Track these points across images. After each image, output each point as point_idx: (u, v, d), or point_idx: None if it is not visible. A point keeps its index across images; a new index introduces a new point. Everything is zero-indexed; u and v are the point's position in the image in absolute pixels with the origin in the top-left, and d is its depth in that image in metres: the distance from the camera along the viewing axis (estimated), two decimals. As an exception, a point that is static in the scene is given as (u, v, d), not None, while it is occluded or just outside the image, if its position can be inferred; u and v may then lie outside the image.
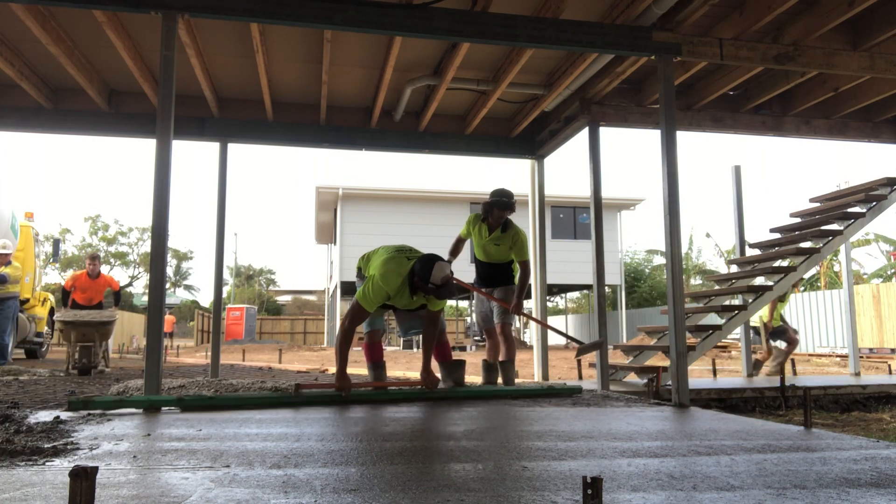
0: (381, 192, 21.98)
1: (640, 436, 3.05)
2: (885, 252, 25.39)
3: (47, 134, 8.72)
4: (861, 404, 5.91)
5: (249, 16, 4.34)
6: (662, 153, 4.71)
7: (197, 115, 6.67)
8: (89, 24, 5.08)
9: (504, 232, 5.30)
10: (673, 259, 4.62)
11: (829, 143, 12.33)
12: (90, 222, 42.90)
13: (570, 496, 1.88)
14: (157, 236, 4.08)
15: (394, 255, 4.31)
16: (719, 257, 32.16)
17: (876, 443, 2.96)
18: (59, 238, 18.69)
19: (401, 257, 4.29)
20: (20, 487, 1.91)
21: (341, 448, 2.63)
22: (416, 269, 4.11)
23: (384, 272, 4.19)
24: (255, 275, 57.13)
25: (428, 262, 4.10)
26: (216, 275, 6.71)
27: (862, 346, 15.74)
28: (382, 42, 5.50)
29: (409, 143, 7.19)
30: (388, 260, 4.27)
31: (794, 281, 6.73)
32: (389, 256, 4.31)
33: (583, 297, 37.84)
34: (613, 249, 22.03)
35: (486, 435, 3.06)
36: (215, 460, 2.35)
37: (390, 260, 4.27)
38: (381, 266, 4.24)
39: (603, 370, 5.82)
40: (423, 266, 4.08)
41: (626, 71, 5.56)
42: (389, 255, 4.32)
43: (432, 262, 4.08)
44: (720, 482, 2.10)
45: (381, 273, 4.20)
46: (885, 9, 4.90)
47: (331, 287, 26.04)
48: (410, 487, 1.98)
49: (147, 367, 3.96)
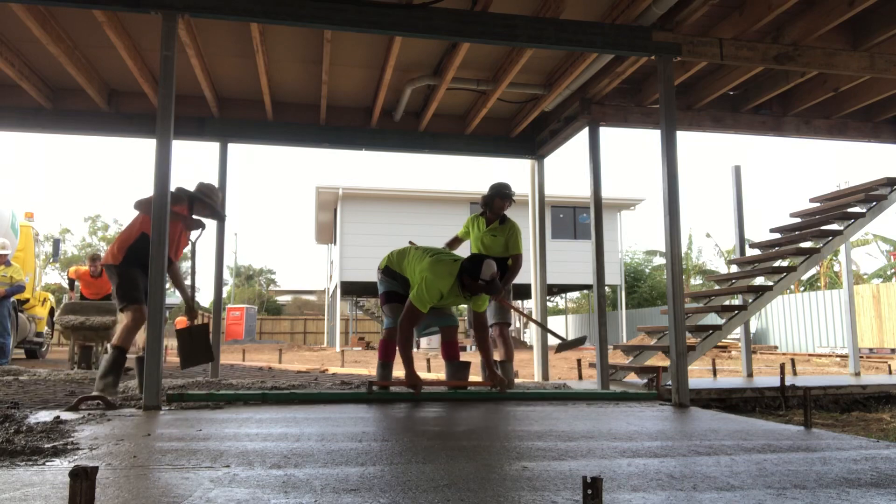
0: (381, 192, 21.97)
1: (640, 436, 3.05)
2: (885, 252, 25.38)
3: (47, 134, 8.72)
4: (861, 404, 5.91)
5: (249, 16, 4.34)
6: (662, 153, 4.71)
7: (197, 115, 6.67)
8: (89, 24, 5.08)
9: (502, 224, 5.49)
10: (673, 259, 4.62)
11: (829, 143, 12.35)
12: (90, 222, 42.90)
13: (570, 496, 1.88)
14: (157, 236, 4.08)
15: (441, 258, 4.53)
16: (719, 257, 32.17)
17: (876, 443, 2.96)
18: (59, 238, 18.69)
19: (447, 259, 4.53)
20: (20, 487, 1.91)
21: (341, 448, 2.63)
22: (466, 267, 4.34)
23: (437, 273, 4.38)
24: (255, 275, 57.11)
25: (477, 260, 4.33)
26: (216, 275, 6.70)
27: (862, 346, 15.75)
28: (382, 42, 5.50)
29: (409, 143, 7.19)
30: (437, 262, 4.47)
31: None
32: (436, 258, 4.52)
33: (583, 297, 37.83)
34: (613, 249, 22.02)
35: (486, 435, 3.06)
36: (215, 460, 2.35)
37: (439, 262, 4.47)
38: (431, 268, 4.42)
39: (603, 370, 5.82)
40: (473, 264, 4.33)
41: (626, 71, 5.56)
42: (436, 258, 4.52)
43: (481, 260, 4.31)
44: (720, 482, 2.10)
45: (434, 274, 4.38)
46: (885, 9, 4.89)
47: (331, 287, 26.03)
48: (410, 487, 1.98)
49: (147, 367, 3.96)
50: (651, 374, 5.42)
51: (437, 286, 4.36)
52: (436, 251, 4.70)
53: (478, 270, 4.26)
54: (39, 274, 13.22)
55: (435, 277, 4.37)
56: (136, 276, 4.75)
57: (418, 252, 4.73)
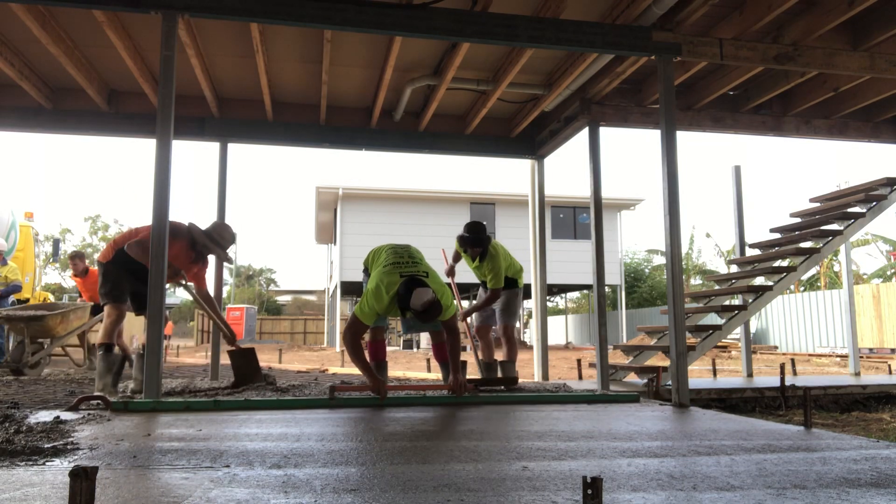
0: (381, 192, 21.96)
1: (640, 436, 3.05)
2: (885, 252, 25.38)
3: (47, 134, 8.71)
4: (861, 404, 5.91)
5: (249, 16, 4.34)
6: (662, 153, 4.71)
7: (197, 115, 6.66)
8: (89, 24, 5.08)
9: (482, 261, 5.53)
10: (673, 259, 4.62)
11: (829, 143, 12.35)
12: (90, 222, 42.91)
13: (570, 496, 1.88)
14: (157, 236, 4.08)
15: (389, 270, 4.21)
16: (719, 257, 32.16)
17: (876, 443, 2.96)
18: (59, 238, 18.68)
19: (394, 273, 4.18)
20: (20, 487, 1.91)
21: (341, 448, 2.63)
22: (400, 293, 4.05)
23: (376, 290, 4.14)
24: (256, 275, 57.12)
25: (410, 288, 4.00)
26: (216, 275, 6.70)
27: (862, 346, 15.75)
28: (382, 42, 5.50)
29: (409, 143, 7.19)
30: (385, 274, 4.18)
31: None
32: (385, 271, 4.21)
33: (583, 297, 37.84)
34: (613, 249, 22.02)
35: (486, 435, 3.06)
36: (215, 460, 2.35)
37: (383, 275, 4.17)
38: (374, 281, 4.19)
39: (603, 370, 5.82)
40: (405, 292, 4.01)
41: (626, 71, 5.56)
42: (385, 270, 4.22)
43: (410, 290, 3.97)
44: (720, 482, 2.10)
45: (374, 290, 4.15)
46: (885, 9, 4.90)
47: (331, 287, 26.04)
48: (410, 487, 1.98)
49: (147, 367, 3.96)
50: (651, 374, 5.42)
51: (374, 305, 4.13)
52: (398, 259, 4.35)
53: (407, 299, 3.96)
54: (39, 274, 13.21)
55: (375, 294, 4.13)
56: (121, 276, 4.89)
57: (388, 255, 4.45)
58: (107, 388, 4.65)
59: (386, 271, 4.21)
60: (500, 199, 21.93)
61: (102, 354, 4.79)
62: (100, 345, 4.85)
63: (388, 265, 4.27)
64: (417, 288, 3.97)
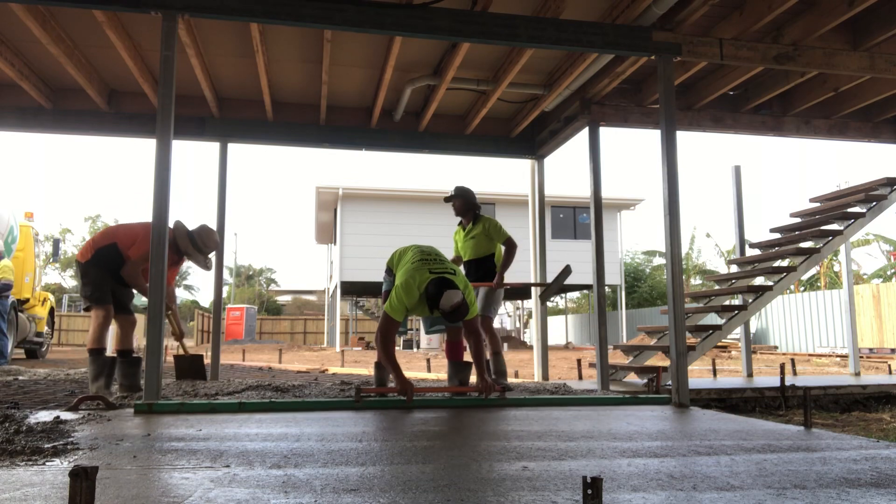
0: (381, 192, 21.96)
1: (640, 436, 3.05)
2: (885, 252, 25.38)
3: (47, 134, 8.71)
4: (861, 404, 5.91)
5: (249, 16, 4.34)
6: (662, 153, 4.71)
7: (197, 115, 6.67)
8: (89, 24, 5.08)
9: (475, 224, 5.64)
10: (673, 259, 4.62)
11: (829, 143, 12.34)
12: (90, 222, 42.89)
13: (570, 496, 1.88)
14: (157, 236, 4.08)
15: (418, 267, 4.35)
16: (719, 257, 32.17)
17: (876, 443, 2.96)
18: (59, 238, 18.68)
19: (423, 270, 4.31)
20: (20, 487, 1.91)
21: (341, 448, 2.63)
22: (430, 291, 4.19)
23: (407, 286, 4.26)
24: (256, 275, 57.11)
25: (440, 289, 4.14)
26: (216, 275, 6.70)
27: (862, 346, 15.74)
28: (382, 42, 5.50)
29: (409, 143, 7.19)
30: (415, 271, 4.31)
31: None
32: (414, 267, 4.35)
33: (583, 297, 37.82)
34: (613, 249, 22.02)
35: (486, 434, 3.06)
36: (215, 460, 2.35)
37: (416, 272, 4.31)
38: (405, 278, 4.30)
39: (603, 370, 5.83)
40: (436, 291, 4.15)
41: (626, 71, 5.56)
42: (416, 265, 4.37)
43: (443, 290, 4.12)
44: (720, 482, 2.10)
45: (405, 286, 4.26)
46: (884, 9, 4.89)
47: (331, 287, 26.03)
48: (410, 487, 1.98)
49: (147, 367, 3.96)
50: (651, 374, 5.42)
51: (405, 299, 4.25)
52: (426, 257, 4.49)
53: (437, 300, 4.13)
54: (39, 274, 13.21)
55: (405, 289, 4.24)
56: (102, 277, 4.83)
57: (414, 254, 4.58)
58: (100, 390, 4.65)
59: (415, 268, 4.35)
60: (501, 198, 21.92)
61: (93, 358, 4.73)
62: (90, 350, 4.77)
63: (417, 262, 4.41)
64: (448, 290, 4.14)
